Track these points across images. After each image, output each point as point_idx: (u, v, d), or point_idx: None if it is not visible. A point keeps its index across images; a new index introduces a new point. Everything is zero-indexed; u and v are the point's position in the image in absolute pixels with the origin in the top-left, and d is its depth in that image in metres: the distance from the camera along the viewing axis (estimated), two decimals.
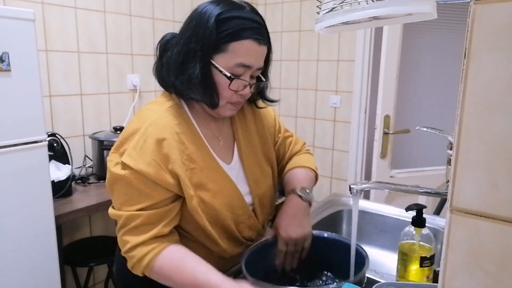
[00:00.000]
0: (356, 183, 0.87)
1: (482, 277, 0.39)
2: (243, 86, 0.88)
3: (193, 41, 0.85)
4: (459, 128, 0.39)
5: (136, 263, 0.86)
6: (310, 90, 3.08)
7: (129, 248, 0.86)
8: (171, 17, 2.57)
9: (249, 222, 0.99)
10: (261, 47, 0.87)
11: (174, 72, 0.88)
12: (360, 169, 2.92)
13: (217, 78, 0.86)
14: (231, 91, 0.87)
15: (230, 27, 0.83)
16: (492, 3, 0.36)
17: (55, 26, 2.01)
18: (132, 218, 0.86)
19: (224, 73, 0.85)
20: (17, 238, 1.43)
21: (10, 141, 1.38)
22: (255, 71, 0.89)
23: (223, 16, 0.83)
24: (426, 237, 0.88)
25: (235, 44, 0.84)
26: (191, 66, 0.85)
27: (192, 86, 0.86)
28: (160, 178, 0.84)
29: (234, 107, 0.92)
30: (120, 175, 0.85)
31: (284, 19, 3.13)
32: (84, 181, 2.01)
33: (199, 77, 0.84)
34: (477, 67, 0.37)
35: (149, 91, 2.50)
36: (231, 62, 0.85)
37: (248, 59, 0.85)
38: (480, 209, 0.38)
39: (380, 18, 0.77)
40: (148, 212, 0.86)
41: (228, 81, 0.85)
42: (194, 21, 0.86)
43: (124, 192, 0.86)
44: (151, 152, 0.84)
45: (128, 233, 0.87)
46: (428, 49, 2.47)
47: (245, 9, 0.86)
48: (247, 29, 0.84)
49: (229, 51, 0.84)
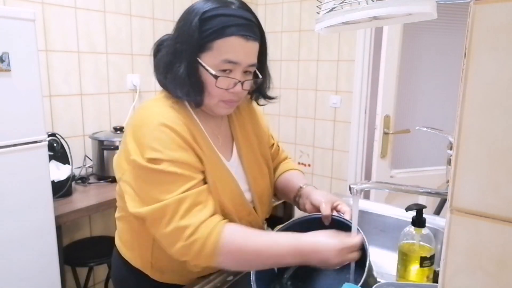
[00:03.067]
0: (356, 183, 0.87)
1: (482, 277, 0.39)
2: (233, 84, 0.88)
3: (179, 41, 0.86)
4: (459, 128, 0.39)
5: (201, 246, 0.80)
6: (310, 90, 3.08)
7: (191, 232, 0.80)
8: (171, 17, 2.57)
9: (250, 218, 1.00)
10: (249, 43, 0.86)
11: (163, 72, 0.89)
12: (360, 169, 2.92)
13: (205, 77, 0.87)
14: (220, 89, 0.87)
15: (214, 25, 0.84)
16: (492, 3, 0.36)
17: (55, 26, 2.01)
18: (181, 201, 0.81)
19: (210, 72, 0.86)
20: (17, 238, 1.43)
21: (10, 141, 1.38)
22: (247, 68, 0.89)
23: (207, 14, 0.84)
24: (426, 237, 0.88)
25: (220, 42, 0.84)
26: (177, 66, 0.86)
27: (178, 85, 0.87)
28: (191, 159, 0.85)
29: (228, 105, 0.92)
30: (151, 168, 0.82)
31: (284, 19, 3.13)
32: (84, 181, 2.01)
33: (184, 75, 0.86)
34: (477, 67, 0.37)
35: (149, 91, 2.50)
36: (217, 59, 0.85)
37: (234, 55, 0.85)
38: (480, 209, 0.38)
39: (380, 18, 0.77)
40: (193, 191, 0.83)
41: (214, 80, 0.86)
42: (182, 21, 0.88)
43: (161, 182, 0.83)
44: (172, 139, 0.84)
45: (183, 218, 0.81)
46: (428, 49, 2.47)
47: (232, 6, 0.86)
48: (232, 26, 0.84)
49: (215, 49, 0.85)
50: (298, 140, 3.21)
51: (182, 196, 0.81)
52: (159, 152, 0.82)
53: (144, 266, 0.96)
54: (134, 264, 0.97)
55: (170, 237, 0.82)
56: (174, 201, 0.81)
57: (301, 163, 3.21)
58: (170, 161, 0.82)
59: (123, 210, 0.95)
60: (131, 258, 0.98)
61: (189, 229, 0.80)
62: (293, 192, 1.08)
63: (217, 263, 0.82)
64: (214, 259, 0.81)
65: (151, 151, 0.82)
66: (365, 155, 2.90)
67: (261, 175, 1.04)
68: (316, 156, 3.13)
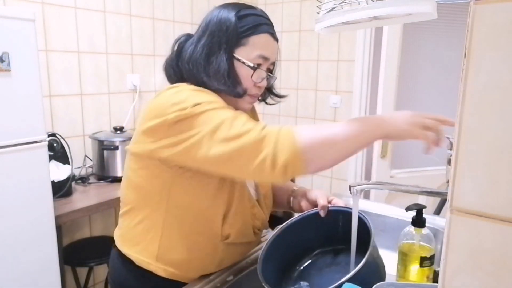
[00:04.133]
0: (356, 183, 0.87)
1: (482, 277, 0.39)
2: (261, 78, 0.94)
3: (216, 35, 0.90)
4: (459, 128, 0.39)
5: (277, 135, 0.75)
6: (310, 90, 3.08)
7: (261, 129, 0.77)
8: (171, 17, 2.57)
9: (253, 210, 1.01)
10: (275, 42, 0.96)
11: (201, 65, 0.91)
12: (360, 169, 2.92)
13: (239, 70, 0.92)
14: (252, 82, 0.92)
15: (249, 22, 0.91)
16: (492, 3, 0.36)
17: (55, 26, 2.01)
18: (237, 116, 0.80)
19: (247, 64, 0.91)
20: (17, 238, 1.43)
21: (10, 141, 1.38)
22: (270, 65, 0.96)
23: (241, 13, 0.91)
24: (426, 237, 0.88)
25: (255, 38, 0.91)
26: (217, 59, 0.90)
27: (220, 77, 0.90)
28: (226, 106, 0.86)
29: (252, 99, 0.97)
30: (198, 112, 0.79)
31: (284, 19, 3.13)
32: (84, 181, 2.01)
33: (226, 68, 0.89)
34: (477, 67, 0.37)
35: (149, 91, 2.50)
36: (252, 54, 0.91)
37: (266, 51, 0.92)
38: (480, 209, 0.38)
39: (380, 18, 0.77)
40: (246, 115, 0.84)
41: (250, 72, 0.91)
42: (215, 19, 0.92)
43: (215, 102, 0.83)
44: (207, 92, 0.87)
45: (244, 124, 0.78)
46: (428, 49, 2.47)
47: (256, 9, 0.95)
48: (263, 24, 0.92)
49: (250, 44, 0.91)
50: None
51: (237, 113, 0.82)
52: (200, 97, 0.82)
53: (149, 261, 0.95)
54: (137, 261, 0.97)
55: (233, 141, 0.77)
56: (231, 115, 0.80)
57: None
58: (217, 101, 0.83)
59: (132, 203, 0.96)
60: (134, 255, 0.97)
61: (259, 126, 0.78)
62: (286, 195, 1.12)
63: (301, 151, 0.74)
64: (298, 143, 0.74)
65: (193, 98, 0.81)
66: (365, 155, 2.90)
67: None
68: None
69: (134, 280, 0.98)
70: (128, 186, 0.97)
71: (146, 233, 0.95)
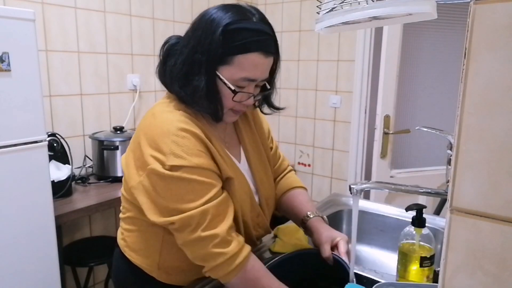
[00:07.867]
0: (356, 183, 0.87)
1: (482, 277, 0.39)
2: (246, 97, 0.88)
3: (199, 52, 0.83)
4: (459, 128, 0.39)
5: (228, 260, 0.82)
6: (310, 90, 3.08)
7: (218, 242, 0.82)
8: (171, 17, 2.57)
9: (258, 220, 1.01)
10: (267, 59, 0.86)
11: (179, 83, 0.86)
12: (360, 169, 2.92)
13: (221, 89, 0.86)
14: (235, 102, 0.87)
15: (237, 39, 0.81)
16: (492, 3, 0.36)
17: (55, 26, 2.01)
18: (204, 213, 0.81)
19: (228, 86, 0.85)
20: (17, 238, 1.43)
21: (10, 141, 1.38)
22: (260, 82, 0.90)
23: (230, 27, 0.81)
24: (426, 237, 0.88)
25: (241, 57, 0.82)
26: (196, 79, 0.84)
27: (197, 99, 0.85)
28: (211, 165, 0.85)
29: (236, 114, 0.93)
30: (174, 176, 0.81)
31: (284, 19, 3.13)
32: (84, 181, 2.01)
33: (205, 90, 0.84)
34: (477, 67, 0.37)
35: (149, 91, 2.50)
36: (236, 75, 0.84)
37: (253, 73, 0.85)
38: (480, 209, 0.38)
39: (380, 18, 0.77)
40: (215, 202, 0.83)
41: (232, 94, 0.85)
42: (200, 30, 0.84)
43: (184, 190, 0.82)
44: (194, 144, 0.83)
45: (207, 229, 0.82)
46: (428, 49, 2.47)
47: (254, 19, 0.84)
48: (254, 42, 0.82)
49: (235, 64, 0.83)
50: (298, 140, 3.21)
51: (205, 208, 0.82)
52: (181, 158, 0.80)
53: (151, 267, 0.96)
54: (139, 264, 0.97)
55: (196, 244, 0.83)
56: (200, 212, 0.81)
57: (301, 163, 3.21)
58: (193, 167, 0.81)
59: (131, 212, 0.95)
60: (136, 259, 0.97)
61: (218, 238, 0.82)
62: (299, 220, 1.08)
63: (229, 282, 0.84)
64: (230, 278, 0.83)
65: (174, 158, 0.80)
66: (365, 155, 2.90)
67: (267, 177, 1.05)
68: (316, 156, 3.13)
69: (136, 280, 0.98)
70: (126, 200, 0.96)
71: (146, 242, 0.96)
